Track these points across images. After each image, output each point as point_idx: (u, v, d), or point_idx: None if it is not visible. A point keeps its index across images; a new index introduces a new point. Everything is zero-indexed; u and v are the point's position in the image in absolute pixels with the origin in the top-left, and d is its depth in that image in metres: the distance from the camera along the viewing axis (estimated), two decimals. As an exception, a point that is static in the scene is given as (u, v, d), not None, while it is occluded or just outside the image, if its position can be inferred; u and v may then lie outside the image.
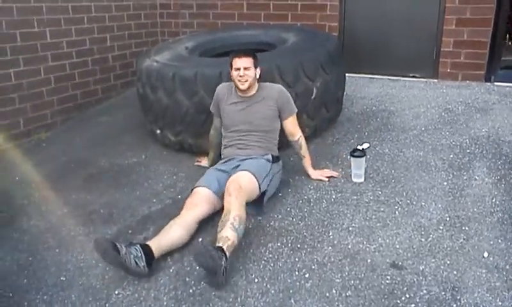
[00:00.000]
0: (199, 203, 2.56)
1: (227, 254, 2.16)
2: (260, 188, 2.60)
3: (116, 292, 2.17)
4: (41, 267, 2.38)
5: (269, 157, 2.83)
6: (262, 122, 2.85)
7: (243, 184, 2.49)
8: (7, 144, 3.94)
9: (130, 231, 2.63)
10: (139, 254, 2.21)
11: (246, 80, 2.80)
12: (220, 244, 2.19)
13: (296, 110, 2.94)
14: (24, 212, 2.93)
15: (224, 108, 2.94)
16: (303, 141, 2.94)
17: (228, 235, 2.24)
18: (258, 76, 2.87)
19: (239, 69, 2.78)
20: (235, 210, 2.33)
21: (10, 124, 3.98)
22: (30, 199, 3.08)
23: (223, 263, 2.09)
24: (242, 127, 2.85)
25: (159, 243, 2.33)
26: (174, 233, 2.39)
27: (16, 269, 2.38)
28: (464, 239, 2.35)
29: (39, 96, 4.25)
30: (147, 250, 2.26)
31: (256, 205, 2.64)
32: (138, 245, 2.25)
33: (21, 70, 4.04)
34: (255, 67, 2.83)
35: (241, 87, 2.82)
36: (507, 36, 6.09)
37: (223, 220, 2.32)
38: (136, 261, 2.18)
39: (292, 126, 2.92)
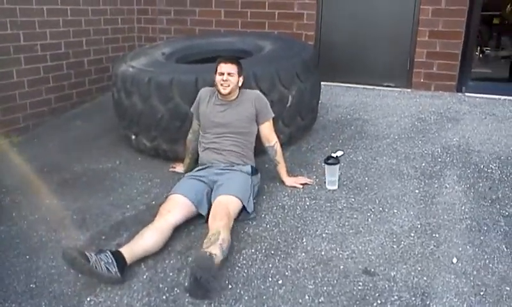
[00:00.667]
0: (173, 210, 2.55)
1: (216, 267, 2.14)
2: (245, 209, 2.64)
3: (88, 299, 2.14)
4: (9, 274, 2.33)
5: (248, 168, 2.85)
6: (238, 123, 2.88)
7: (232, 211, 2.53)
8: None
9: (103, 237, 2.59)
10: (110, 260, 2.19)
11: (228, 85, 2.85)
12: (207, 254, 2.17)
13: (273, 115, 2.98)
14: (-6, 217, 2.87)
15: (204, 109, 2.96)
16: (278, 147, 2.96)
17: (216, 252, 2.17)
18: (240, 84, 2.93)
19: (222, 74, 2.84)
20: (224, 234, 2.31)
21: (-19, 127, 3.91)
22: (0, 204, 3.02)
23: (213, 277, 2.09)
24: (218, 128, 2.87)
25: (132, 249, 2.31)
26: (148, 239, 2.37)
27: (-16, 276, 2.33)
28: (434, 246, 2.40)
29: (11, 100, 4.17)
30: (119, 256, 2.23)
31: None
32: (108, 252, 2.23)
33: (-7, 73, 3.97)
34: (239, 75, 2.89)
35: (222, 91, 2.86)
36: (478, 48, 6.27)
37: (211, 239, 2.27)
38: (107, 267, 2.16)
39: (268, 131, 2.95)
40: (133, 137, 3.58)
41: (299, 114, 3.50)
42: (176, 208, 2.56)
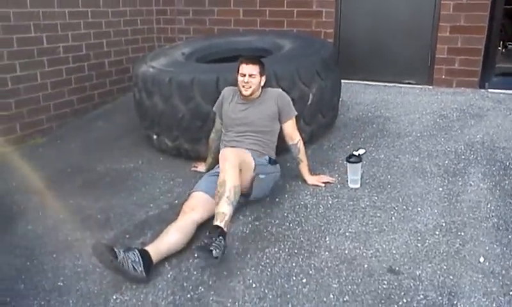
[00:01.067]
0: (196, 207, 2.57)
1: (225, 230, 2.27)
2: (255, 168, 2.67)
3: (114, 297, 2.17)
4: (38, 272, 2.38)
5: (266, 157, 2.87)
6: (260, 122, 2.89)
7: (240, 151, 2.60)
8: (3, 149, 3.93)
9: (127, 236, 2.62)
10: (137, 259, 2.21)
11: (250, 87, 2.86)
12: (217, 222, 2.29)
13: (296, 113, 2.98)
14: (21, 217, 2.92)
15: (227, 108, 2.98)
16: (301, 145, 2.96)
17: (224, 210, 2.33)
18: (263, 83, 2.94)
19: (244, 75, 2.85)
20: (230, 181, 2.41)
21: (7, 129, 3.98)
22: (27, 204, 3.07)
23: (221, 250, 2.17)
24: (240, 127, 2.88)
25: (158, 248, 2.33)
26: (172, 237, 2.40)
27: (13, 274, 2.37)
28: (460, 244, 2.37)
29: (35, 102, 4.24)
30: (145, 255, 2.26)
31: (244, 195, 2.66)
32: (136, 250, 2.25)
33: (17, 75, 4.04)
34: (261, 75, 2.90)
35: (244, 93, 2.88)
36: (501, 43, 6.16)
37: (219, 191, 2.40)
38: (133, 266, 2.19)
39: (291, 129, 2.95)
40: (155, 137, 3.61)
41: (320, 112, 3.48)
42: (199, 205, 2.58)
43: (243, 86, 2.87)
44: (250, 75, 2.85)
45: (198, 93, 3.23)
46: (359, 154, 3.14)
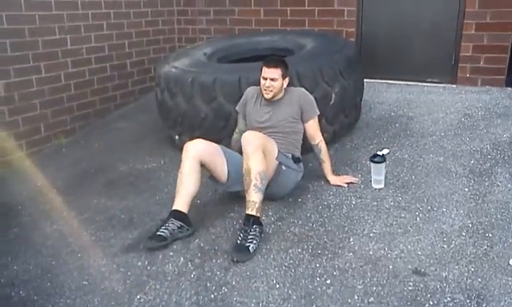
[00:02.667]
0: (198, 143, 2.70)
1: (258, 215, 2.46)
2: (278, 155, 2.70)
3: (138, 297, 2.18)
4: (64, 271, 2.41)
5: (290, 155, 2.86)
6: (283, 123, 2.88)
7: (262, 135, 2.65)
8: (28, 149, 4.00)
9: (150, 236, 2.64)
10: (179, 225, 2.52)
11: (271, 91, 2.86)
12: (249, 211, 2.45)
13: (318, 113, 2.96)
14: (46, 216, 2.97)
15: (250, 109, 2.98)
16: (323, 145, 2.94)
17: (254, 199, 2.46)
18: (286, 85, 2.92)
19: (265, 79, 2.85)
20: (255, 167, 2.47)
21: (31, 129, 4.04)
22: (51, 204, 3.12)
23: (257, 240, 2.40)
24: (264, 130, 2.87)
25: (183, 201, 2.58)
26: (188, 185, 2.61)
27: (40, 273, 2.41)
28: (488, 246, 2.32)
29: (59, 102, 4.30)
30: (181, 215, 2.54)
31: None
32: (173, 219, 2.52)
33: (42, 77, 4.10)
34: (283, 77, 2.88)
35: (266, 96, 2.89)
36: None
37: (246, 179, 2.49)
38: (180, 231, 2.53)
39: (312, 129, 2.93)
40: (177, 137, 3.63)
41: (343, 111, 3.46)
42: (201, 142, 2.72)
43: (264, 90, 2.87)
44: (272, 79, 2.84)
45: (220, 93, 3.24)
46: (383, 154, 3.10)
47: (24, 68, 3.94)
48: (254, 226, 2.42)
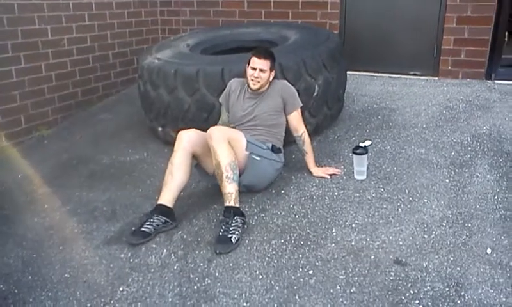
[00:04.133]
0: (192, 133, 2.68)
1: (237, 205, 2.47)
2: (247, 146, 2.67)
3: (121, 289, 2.17)
4: (45, 264, 2.39)
5: (269, 144, 2.86)
6: (266, 116, 2.89)
7: (225, 128, 2.67)
8: (9, 141, 3.94)
9: (133, 228, 2.62)
10: (163, 221, 2.52)
11: (258, 82, 2.86)
12: (227, 203, 2.47)
13: (301, 104, 2.97)
14: (28, 209, 2.93)
15: (234, 101, 2.98)
16: (306, 137, 2.95)
17: (229, 190, 2.48)
18: (271, 78, 2.92)
19: (254, 69, 2.84)
20: (223, 160, 2.49)
21: (12, 121, 3.98)
22: (33, 196, 3.09)
23: (239, 231, 2.41)
24: (248, 123, 2.88)
25: (170, 195, 2.58)
26: (177, 178, 2.60)
27: (21, 266, 2.38)
28: (467, 236, 2.36)
29: (40, 94, 4.25)
30: (165, 210, 2.53)
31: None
32: (158, 216, 2.51)
33: (22, 68, 4.04)
34: (271, 70, 2.89)
35: (252, 86, 2.88)
36: (506, 33, 6.09)
37: (218, 173, 2.52)
38: (164, 227, 2.53)
39: (296, 121, 2.94)
40: (160, 129, 3.61)
41: (326, 103, 3.47)
42: (193, 130, 2.71)
43: (252, 80, 2.86)
44: (261, 70, 2.83)
45: (203, 85, 3.23)
46: (365, 145, 3.12)
47: (3, 58, 3.87)
48: (235, 217, 2.43)
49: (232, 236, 2.37)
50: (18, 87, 4.02)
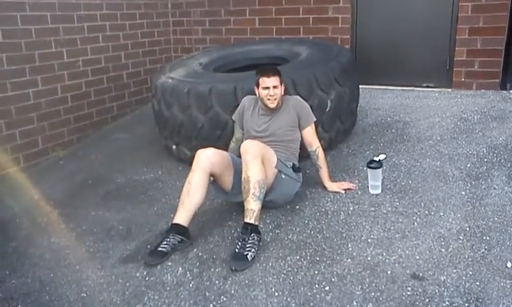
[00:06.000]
0: (211, 153, 2.66)
1: (256, 223, 2.45)
2: (277, 164, 2.69)
3: (137, 308, 2.18)
4: (62, 284, 2.40)
5: (290, 163, 2.86)
6: (282, 132, 2.90)
7: (261, 145, 2.63)
8: (26, 162, 4.00)
9: (148, 246, 2.63)
10: (179, 240, 2.52)
11: (275, 99, 2.86)
12: (247, 219, 2.46)
13: (315, 119, 2.98)
14: (44, 229, 2.96)
15: (248, 119, 3.00)
16: (320, 152, 2.95)
17: (252, 207, 2.47)
18: (283, 92, 2.93)
19: (268, 88, 2.84)
20: (253, 176, 2.48)
21: (29, 143, 4.05)
22: (49, 217, 3.12)
23: (255, 248, 2.40)
24: (262, 139, 2.87)
25: (186, 215, 2.57)
26: (195, 197, 2.59)
27: (38, 286, 2.40)
28: (485, 249, 2.32)
29: (56, 115, 4.32)
30: (180, 230, 2.53)
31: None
32: (174, 235, 2.51)
33: (39, 90, 4.12)
34: (281, 84, 2.90)
35: (271, 106, 2.88)
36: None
37: (245, 187, 2.51)
38: (180, 246, 2.53)
39: (310, 136, 2.94)
40: (174, 147, 3.64)
41: (339, 118, 3.47)
42: (212, 150, 2.69)
43: (268, 99, 2.86)
44: (274, 87, 2.84)
45: (216, 103, 3.25)
46: (379, 159, 3.11)
47: (21, 81, 3.95)
48: (252, 235, 2.42)
49: (248, 254, 2.36)
50: (36, 109, 4.10)
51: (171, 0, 5.70)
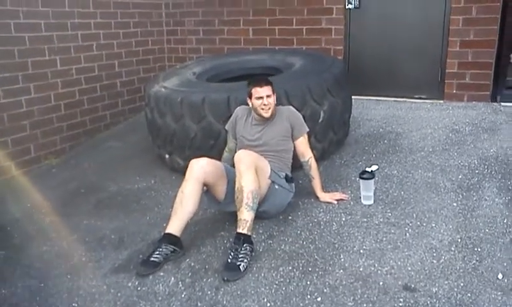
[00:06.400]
0: (204, 163, 2.65)
1: (248, 234, 2.45)
2: (270, 174, 2.69)
3: (129, 318, 2.17)
4: (53, 293, 2.38)
5: (283, 173, 2.86)
6: (275, 142, 2.91)
7: (255, 154, 2.63)
8: (18, 170, 3.98)
9: (140, 256, 2.62)
10: (172, 249, 2.51)
11: (269, 108, 2.88)
12: (240, 230, 2.45)
13: (308, 130, 2.99)
14: (36, 237, 2.94)
15: (241, 129, 3.00)
16: (313, 162, 2.96)
17: (245, 217, 2.46)
18: (275, 102, 2.95)
19: (261, 97, 2.86)
20: (247, 186, 2.48)
21: (21, 150, 4.03)
22: (41, 225, 3.10)
23: (248, 259, 2.39)
24: (256, 149, 2.86)
25: (178, 225, 2.56)
26: (187, 207, 2.58)
27: (28, 295, 2.38)
28: (477, 260, 2.34)
29: (49, 123, 4.30)
30: (173, 240, 2.52)
31: None
32: (166, 245, 2.50)
33: (32, 98, 4.11)
34: (273, 93, 2.91)
35: (265, 115, 2.89)
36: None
37: (238, 198, 2.50)
38: (172, 256, 2.52)
39: (302, 146, 2.96)
40: (167, 156, 3.64)
41: (332, 128, 3.49)
42: (206, 159, 2.69)
43: (262, 108, 2.87)
44: (268, 96, 2.86)
45: (209, 112, 3.26)
46: (372, 170, 3.12)
47: (14, 89, 3.94)
48: (245, 245, 2.42)
49: (240, 264, 2.36)
50: (28, 116, 4.09)
51: (166, 9, 5.72)
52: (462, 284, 2.18)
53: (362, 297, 2.16)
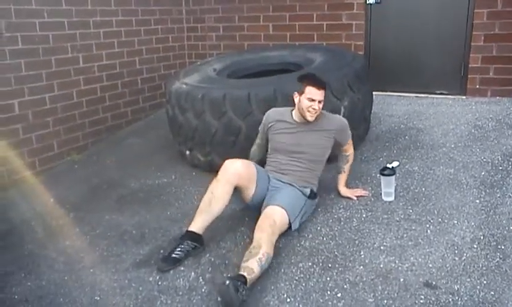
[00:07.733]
0: (240, 166, 2.62)
1: (248, 283, 2.16)
2: (290, 226, 2.59)
3: (150, 312, 2.20)
4: (76, 287, 2.43)
5: (307, 191, 2.77)
6: (310, 150, 2.80)
7: (277, 222, 2.48)
8: (42, 166, 4.06)
9: (161, 251, 2.65)
10: (193, 246, 2.52)
11: (316, 113, 2.74)
12: (244, 273, 2.19)
13: (350, 134, 2.95)
14: (59, 232, 3.00)
15: (274, 134, 2.88)
16: (351, 158, 3.00)
17: (253, 267, 2.22)
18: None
19: (313, 100, 2.69)
20: (265, 248, 2.31)
21: (45, 147, 4.11)
22: (64, 220, 3.15)
23: (242, 297, 2.08)
24: (294, 154, 2.78)
25: (203, 224, 2.56)
26: (215, 208, 2.57)
27: (53, 288, 2.43)
28: (500, 258, 2.30)
29: (72, 119, 4.37)
30: (195, 238, 2.53)
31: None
32: (188, 242, 2.52)
33: (55, 95, 4.18)
34: (324, 98, 2.78)
35: (309, 119, 2.74)
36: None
37: (251, 252, 2.30)
38: (193, 251, 2.53)
39: (348, 146, 2.97)
40: (187, 152, 3.66)
41: (352, 124, 3.44)
42: (240, 162, 2.64)
43: (309, 111, 2.71)
44: (319, 102, 2.71)
45: (230, 109, 3.27)
46: (392, 166, 3.09)
47: (38, 86, 4.01)
48: (244, 286, 2.13)
49: (238, 289, 2.10)
50: (52, 113, 4.16)
51: (186, 6, 5.75)
52: (485, 282, 2.15)
53: (383, 293, 2.15)
